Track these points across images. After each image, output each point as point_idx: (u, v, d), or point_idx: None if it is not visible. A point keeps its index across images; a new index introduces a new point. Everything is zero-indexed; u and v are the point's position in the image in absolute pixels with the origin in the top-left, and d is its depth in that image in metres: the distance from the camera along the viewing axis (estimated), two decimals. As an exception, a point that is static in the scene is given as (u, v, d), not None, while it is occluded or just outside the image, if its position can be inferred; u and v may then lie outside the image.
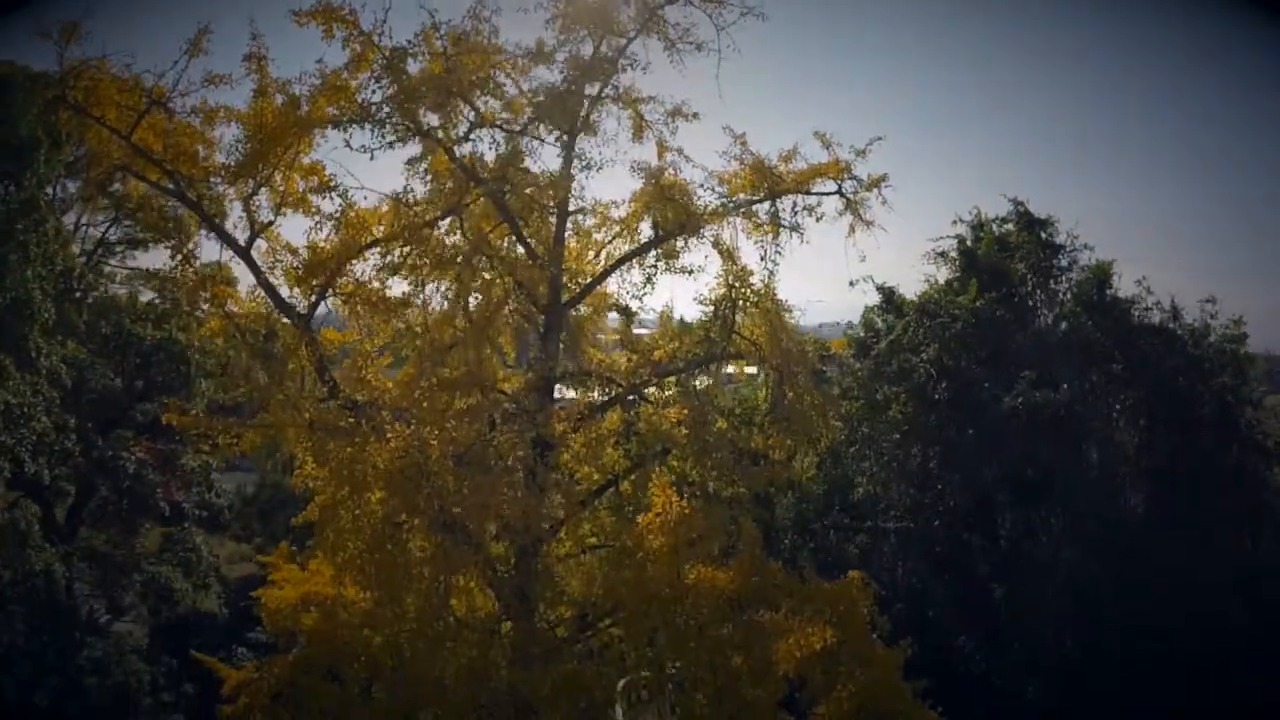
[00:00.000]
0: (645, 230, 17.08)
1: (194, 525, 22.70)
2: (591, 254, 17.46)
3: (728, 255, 15.64)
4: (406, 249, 13.80)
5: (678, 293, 21.00)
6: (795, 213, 16.55)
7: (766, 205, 16.56)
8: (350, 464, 12.86)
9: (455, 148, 14.02)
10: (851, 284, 20.14)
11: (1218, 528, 18.82)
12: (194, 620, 22.09)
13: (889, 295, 20.80)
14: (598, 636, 15.87)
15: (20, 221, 17.79)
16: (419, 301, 16.34)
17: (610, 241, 17.41)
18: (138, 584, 21.18)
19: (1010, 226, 20.51)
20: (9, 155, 18.03)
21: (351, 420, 14.03)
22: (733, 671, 14.87)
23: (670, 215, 15.73)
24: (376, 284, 14.48)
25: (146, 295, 23.46)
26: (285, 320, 14.82)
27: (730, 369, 19.37)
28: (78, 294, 21.06)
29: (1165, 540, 18.49)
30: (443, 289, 16.79)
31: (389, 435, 12.97)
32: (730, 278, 16.95)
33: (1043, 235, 20.17)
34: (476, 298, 16.49)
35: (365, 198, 14.18)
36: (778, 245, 16.40)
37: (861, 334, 20.51)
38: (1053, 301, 19.77)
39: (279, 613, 17.15)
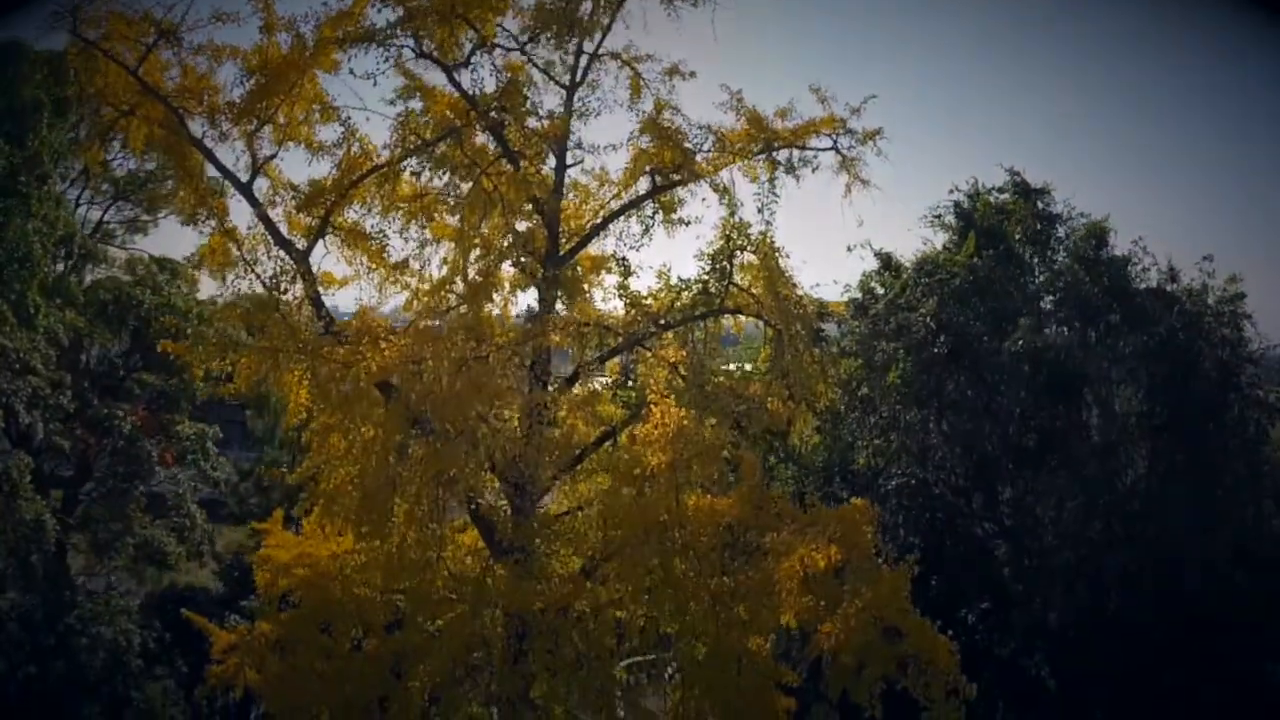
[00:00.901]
0: (643, 186, 17.38)
1: (189, 492, 22.52)
2: (589, 212, 17.65)
3: (724, 193, 15.79)
4: (410, 160, 13.85)
5: (676, 255, 21.13)
6: (791, 163, 16.82)
7: (762, 159, 16.83)
8: (345, 368, 12.81)
9: (456, 74, 14.22)
10: (849, 249, 20.37)
11: (1221, 487, 18.72)
12: (188, 595, 21.83)
13: (886, 260, 20.94)
14: (594, 592, 15.71)
15: (23, 174, 17.93)
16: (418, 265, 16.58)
17: (609, 202, 17.63)
18: (130, 546, 20.96)
19: (1006, 196, 20.70)
20: (12, 118, 18.22)
21: (348, 346, 14.07)
22: (732, 620, 14.74)
23: (668, 157, 15.92)
24: (378, 212, 14.65)
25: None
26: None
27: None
28: (78, 256, 21.10)
29: (1168, 499, 18.40)
30: (442, 253, 17.05)
31: (384, 347, 12.96)
32: (728, 227, 17.18)
33: (1039, 205, 20.36)
34: (477, 254, 16.66)
35: (368, 119, 14.30)
36: (774, 190, 16.62)
37: (859, 296, 20.63)
38: (1050, 266, 19.87)
39: (272, 571, 16.96)
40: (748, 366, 21.60)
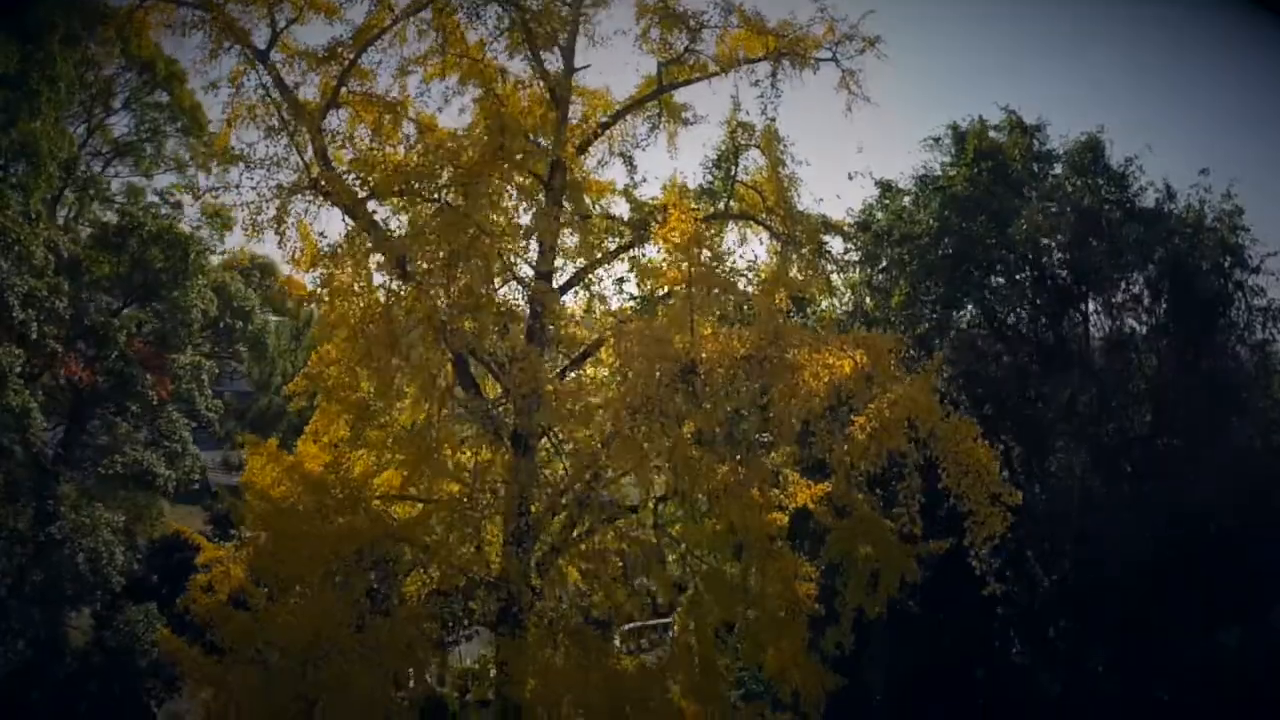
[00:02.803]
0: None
1: (181, 421, 21.98)
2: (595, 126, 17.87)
3: (732, 64, 16.03)
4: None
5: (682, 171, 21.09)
6: (795, 66, 17.15)
7: (766, 65, 17.21)
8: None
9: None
10: (850, 177, 20.59)
11: (1234, 385, 18.56)
12: (176, 542, 21.09)
13: (887, 186, 21.12)
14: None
15: (34, 73, 18.06)
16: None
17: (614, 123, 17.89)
18: (119, 464, 20.32)
19: (1003, 136, 21.01)
20: (24, 37, 18.42)
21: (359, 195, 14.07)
22: (747, 502, 14.42)
23: (673, 39, 16.25)
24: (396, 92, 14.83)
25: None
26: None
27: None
28: (81, 184, 21.08)
29: (1184, 394, 18.21)
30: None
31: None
32: (732, 124, 17.43)
33: (1036, 144, 20.71)
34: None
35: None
36: (775, 88, 16.92)
37: (862, 219, 20.72)
38: (1045, 187, 20.03)
39: (263, 483, 16.34)
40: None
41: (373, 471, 16.34)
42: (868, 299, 19.49)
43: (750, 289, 17.18)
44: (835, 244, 20.10)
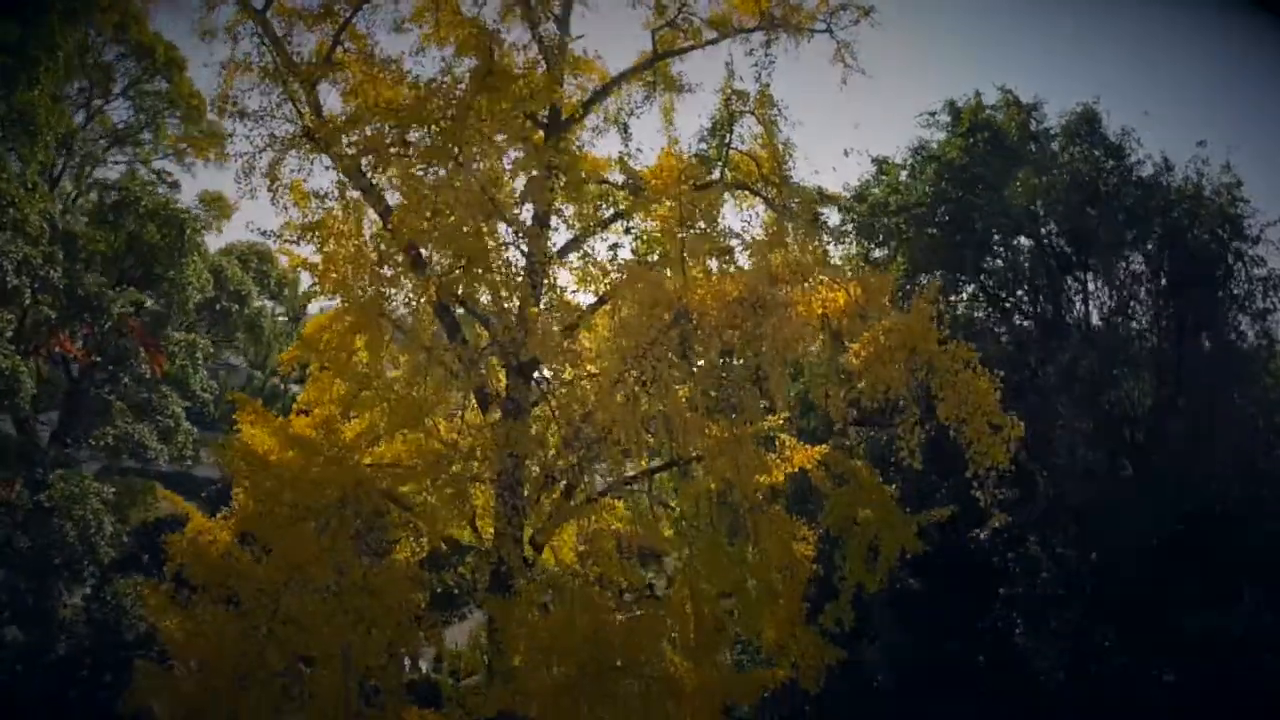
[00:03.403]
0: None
1: (173, 396, 21.82)
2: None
3: (723, 24, 16.07)
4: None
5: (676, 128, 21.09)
6: (789, 36, 17.20)
7: (760, 35, 17.27)
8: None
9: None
10: (846, 154, 20.59)
11: (1237, 353, 18.37)
12: (169, 522, 20.93)
13: (882, 164, 21.08)
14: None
15: (31, 41, 18.14)
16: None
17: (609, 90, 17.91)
18: (110, 436, 20.13)
19: (999, 114, 21.03)
20: (24, 19, 18.54)
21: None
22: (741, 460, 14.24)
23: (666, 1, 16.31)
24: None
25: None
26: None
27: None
28: (80, 159, 21.19)
29: (1186, 360, 18.00)
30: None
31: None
32: (727, 92, 17.44)
33: (1032, 122, 20.69)
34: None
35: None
36: (769, 55, 16.96)
37: (858, 192, 20.65)
38: (1043, 163, 19.94)
39: (249, 451, 16.12)
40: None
41: (365, 437, 16.24)
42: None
43: (744, 260, 17.20)
44: (832, 218, 20.23)
